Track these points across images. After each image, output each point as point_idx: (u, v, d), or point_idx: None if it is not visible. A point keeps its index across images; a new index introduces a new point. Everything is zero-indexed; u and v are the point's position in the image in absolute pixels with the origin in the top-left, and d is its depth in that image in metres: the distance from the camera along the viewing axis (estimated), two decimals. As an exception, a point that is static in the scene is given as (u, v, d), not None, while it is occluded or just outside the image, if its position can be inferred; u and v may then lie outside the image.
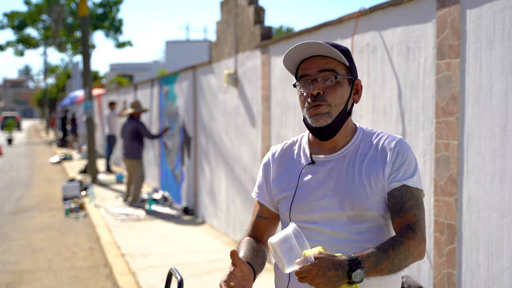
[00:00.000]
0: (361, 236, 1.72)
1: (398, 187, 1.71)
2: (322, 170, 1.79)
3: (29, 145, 26.96)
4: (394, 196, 1.71)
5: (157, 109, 10.80)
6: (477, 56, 3.07)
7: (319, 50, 1.74)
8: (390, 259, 1.57)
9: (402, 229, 1.67)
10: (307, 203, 1.77)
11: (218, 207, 7.36)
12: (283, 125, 5.45)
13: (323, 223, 1.75)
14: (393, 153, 1.74)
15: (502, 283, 2.92)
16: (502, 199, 2.93)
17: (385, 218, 1.77)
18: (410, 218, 1.68)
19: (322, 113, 1.73)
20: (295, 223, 1.77)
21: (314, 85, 1.74)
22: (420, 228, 1.68)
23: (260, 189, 1.93)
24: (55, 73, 45.12)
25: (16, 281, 5.52)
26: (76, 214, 8.78)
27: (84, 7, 12.45)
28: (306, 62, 1.78)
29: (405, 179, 1.71)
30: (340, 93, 1.75)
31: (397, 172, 1.72)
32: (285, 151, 1.91)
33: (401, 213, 1.69)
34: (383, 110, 3.91)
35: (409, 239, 1.63)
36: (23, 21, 27.77)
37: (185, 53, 36.29)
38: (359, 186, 1.73)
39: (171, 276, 2.01)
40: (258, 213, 1.94)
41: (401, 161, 1.74)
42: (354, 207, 1.72)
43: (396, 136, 1.80)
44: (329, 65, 1.75)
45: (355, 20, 4.17)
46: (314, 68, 1.75)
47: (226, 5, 6.97)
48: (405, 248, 1.61)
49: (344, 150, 1.79)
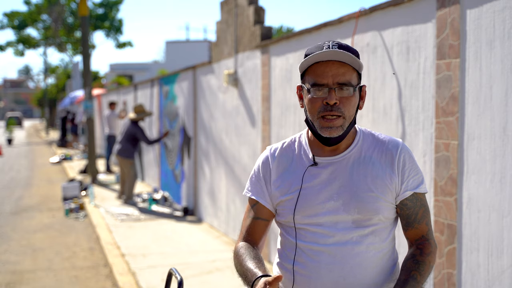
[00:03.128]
0: (365, 239, 1.73)
1: (409, 196, 1.75)
2: (325, 172, 1.76)
3: (29, 145, 26.96)
4: (408, 206, 1.76)
5: (157, 109, 10.80)
6: (477, 56, 3.07)
7: (341, 57, 1.67)
8: (419, 284, 1.67)
9: (418, 243, 1.76)
10: (312, 206, 1.75)
11: (218, 207, 7.36)
12: (283, 125, 5.45)
13: (328, 226, 1.74)
14: (400, 160, 1.75)
15: (502, 283, 2.92)
16: (502, 199, 2.93)
17: (390, 222, 1.78)
18: (423, 228, 1.78)
19: (336, 126, 1.68)
20: (299, 225, 1.77)
21: (331, 95, 1.66)
22: (432, 235, 1.79)
23: (259, 189, 1.84)
24: (55, 73, 45.12)
25: (16, 281, 5.52)
26: (76, 214, 8.78)
27: (84, 7, 12.45)
28: (321, 66, 1.68)
29: (416, 186, 1.76)
30: (354, 103, 1.71)
31: (407, 180, 1.75)
32: (285, 151, 1.85)
33: (415, 224, 1.77)
34: (383, 110, 3.91)
35: (429, 255, 1.74)
36: (23, 21, 27.78)
37: (185, 53, 36.25)
38: (366, 189, 1.72)
39: (171, 276, 2.01)
40: (256, 214, 1.84)
41: (409, 168, 1.75)
42: (360, 210, 1.71)
43: (398, 140, 1.81)
44: (346, 77, 1.67)
45: (355, 20, 4.17)
46: (331, 78, 1.67)
47: (226, 5, 6.97)
48: (428, 267, 1.72)
49: (347, 152, 1.77)
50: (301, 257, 1.76)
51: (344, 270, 1.71)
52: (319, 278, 1.72)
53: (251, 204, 1.87)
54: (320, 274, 1.72)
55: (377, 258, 1.75)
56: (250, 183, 1.88)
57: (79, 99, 21.89)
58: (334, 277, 1.71)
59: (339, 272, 1.71)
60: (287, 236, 1.82)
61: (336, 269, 1.71)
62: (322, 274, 1.72)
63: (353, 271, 1.71)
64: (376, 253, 1.74)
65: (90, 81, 12.69)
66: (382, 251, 1.76)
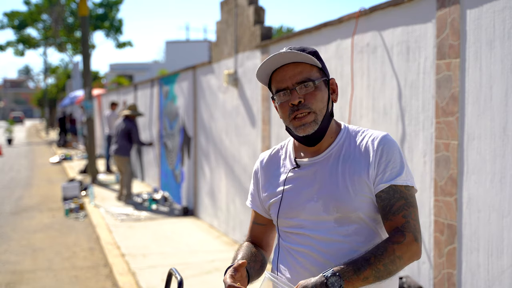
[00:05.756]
0: (349, 239, 1.69)
1: (385, 188, 1.67)
2: (307, 174, 1.77)
3: (29, 145, 26.96)
4: (382, 198, 1.68)
5: (157, 109, 10.80)
6: (477, 56, 3.07)
7: (291, 57, 1.70)
8: (373, 266, 1.56)
9: (391, 233, 1.66)
10: (292, 208, 1.76)
11: (218, 207, 7.36)
12: (283, 125, 5.44)
13: (310, 228, 1.73)
14: (377, 152, 1.69)
15: (502, 283, 2.92)
16: (502, 199, 2.93)
17: (373, 219, 1.72)
18: (399, 220, 1.65)
19: (309, 122, 1.70)
20: (283, 228, 1.81)
21: (293, 95, 1.70)
22: (410, 229, 1.64)
23: (252, 197, 1.95)
24: (55, 73, 45.13)
25: (16, 281, 5.52)
26: (76, 214, 8.78)
27: (84, 7, 12.45)
28: (279, 73, 1.73)
29: (392, 179, 1.67)
30: (321, 97, 1.72)
31: (383, 172, 1.68)
32: (273, 157, 1.90)
33: (390, 216, 1.66)
34: (383, 110, 3.91)
35: (395, 243, 1.61)
36: (23, 21, 27.78)
37: (185, 53, 36.26)
38: (342, 187, 1.70)
39: (171, 276, 2.02)
40: (253, 219, 1.96)
41: (386, 160, 1.68)
42: (338, 209, 1.69)
43: (381, 133, 1.74)
44: (303, 74, 1.70)
45: (355, 20, 4.17)
46: (289, 80, 1.71)
47: (226, 5, 6.97)
48: (389, 253, 1.59)
49: (327, 151, 1.76)
50: (285, 258, 1.79)
51: None
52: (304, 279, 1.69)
53: (252, 212, 2.00)
54: (304, 275, 1.70)
55: None
56: (250, 193, 1.99)
57: (79, 99, 21.90)
58: None
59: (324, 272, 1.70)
60: (279, 238, 1.88)
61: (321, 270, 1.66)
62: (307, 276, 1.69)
63: None
64: None
65: (90, 81, 12.69)
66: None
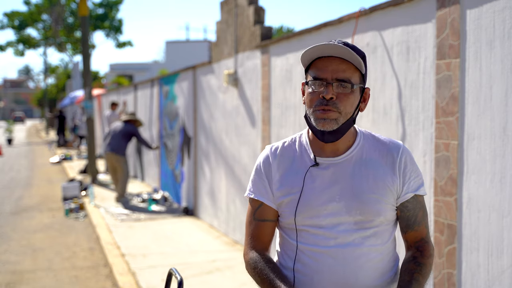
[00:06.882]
0: (367, 240, 1.73)
1: (410, 198, 1.77)
2: (326, 174, 1.75)
3: (29, 145, 26.96)
4: (408, 208, 1.78)
5: (157, 109, 10.80)
6: (477, 56, 3.07)
7: (342, 53, 1.67)
8: (421, 285, 1.70)
9: (418, 245, 1.79)
10: (313, 208, 1.73)
11: (218, 207, 7.36)
12: (283, 125, 5.45)
13: (329, 228, 1.73)
14: (401, 162, 1.76)
15: (502, 283, 2.92)
16: (502, 199, 2.93)
17: (391, 224, 1.80)
18: (423, 231, 1.81)
19: (330, 119, 1.68)
20: (300, 227, 1.75)
21: (328, 89, 1.67)
22: (430, 238, 1.84)
23: (262, 189, 1.80)
24: (55, 73, 45.14)
25: (16, 281, 5.52)
26: (76, 214, 8.78)
27: (84, 7, 12.45)
28: (323, 62, 1.70)
29: (417, 189, 1.78)
30: (352, 102, 1.70)
31: (409, 182, 1.76)
32: (286, 150, 1.82)
33: (415, 226, 1.79)
34: (383, 110, 3.91)
35: (429, 257, 1.77)
36: (23, 21, 27.80)
37: (185, 53, 36.27)
38: (368, 191, 1.72)
39: (171, 276, 2.01)
40: (261, 216, 1.80)
41: (410, 170, 1.77)
42: (362, 212, 1.71)
43: (399, 142, 1.82)
44: (346, 73, 1.68)
45: (355, 20, 4.17)
46: (330, 73, 1.68)
47: (226, 5, 6.97)
48: (428, 269, 1.75)
49: (348, 153, 1.76)
50: (302, 259, 1.75)
51: (345, 272, 1.71)
52: (320, 280, 1.72)
53: (255, 206, 1.82)
54: (321, 276, 1.72)
55: (379, 259, 1.75)
56: (252, 184, 1.83)
57: (79, 99, 21.89)
58: (336, 279, 1.71)
59: (340, 274, 1.71)
60: (287, 238, 1.80)
61: (337, 271, 1.71)
62: (324, 276, 1.71)
63: (355, 273, 1.71)
64: (378, 255, 1.75)
65: (90, 81, 12.69)
66: (383, 252, 1.76)
